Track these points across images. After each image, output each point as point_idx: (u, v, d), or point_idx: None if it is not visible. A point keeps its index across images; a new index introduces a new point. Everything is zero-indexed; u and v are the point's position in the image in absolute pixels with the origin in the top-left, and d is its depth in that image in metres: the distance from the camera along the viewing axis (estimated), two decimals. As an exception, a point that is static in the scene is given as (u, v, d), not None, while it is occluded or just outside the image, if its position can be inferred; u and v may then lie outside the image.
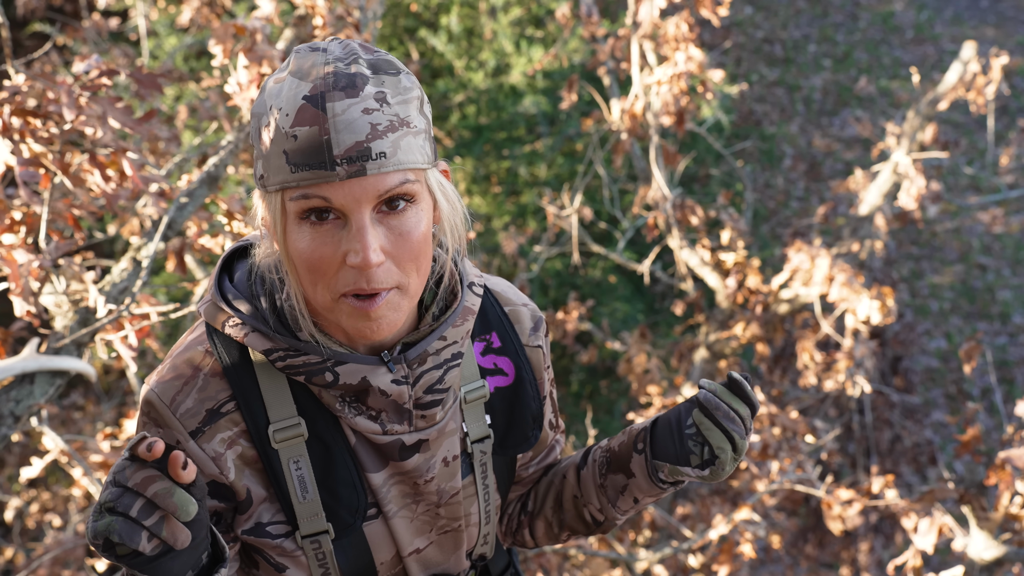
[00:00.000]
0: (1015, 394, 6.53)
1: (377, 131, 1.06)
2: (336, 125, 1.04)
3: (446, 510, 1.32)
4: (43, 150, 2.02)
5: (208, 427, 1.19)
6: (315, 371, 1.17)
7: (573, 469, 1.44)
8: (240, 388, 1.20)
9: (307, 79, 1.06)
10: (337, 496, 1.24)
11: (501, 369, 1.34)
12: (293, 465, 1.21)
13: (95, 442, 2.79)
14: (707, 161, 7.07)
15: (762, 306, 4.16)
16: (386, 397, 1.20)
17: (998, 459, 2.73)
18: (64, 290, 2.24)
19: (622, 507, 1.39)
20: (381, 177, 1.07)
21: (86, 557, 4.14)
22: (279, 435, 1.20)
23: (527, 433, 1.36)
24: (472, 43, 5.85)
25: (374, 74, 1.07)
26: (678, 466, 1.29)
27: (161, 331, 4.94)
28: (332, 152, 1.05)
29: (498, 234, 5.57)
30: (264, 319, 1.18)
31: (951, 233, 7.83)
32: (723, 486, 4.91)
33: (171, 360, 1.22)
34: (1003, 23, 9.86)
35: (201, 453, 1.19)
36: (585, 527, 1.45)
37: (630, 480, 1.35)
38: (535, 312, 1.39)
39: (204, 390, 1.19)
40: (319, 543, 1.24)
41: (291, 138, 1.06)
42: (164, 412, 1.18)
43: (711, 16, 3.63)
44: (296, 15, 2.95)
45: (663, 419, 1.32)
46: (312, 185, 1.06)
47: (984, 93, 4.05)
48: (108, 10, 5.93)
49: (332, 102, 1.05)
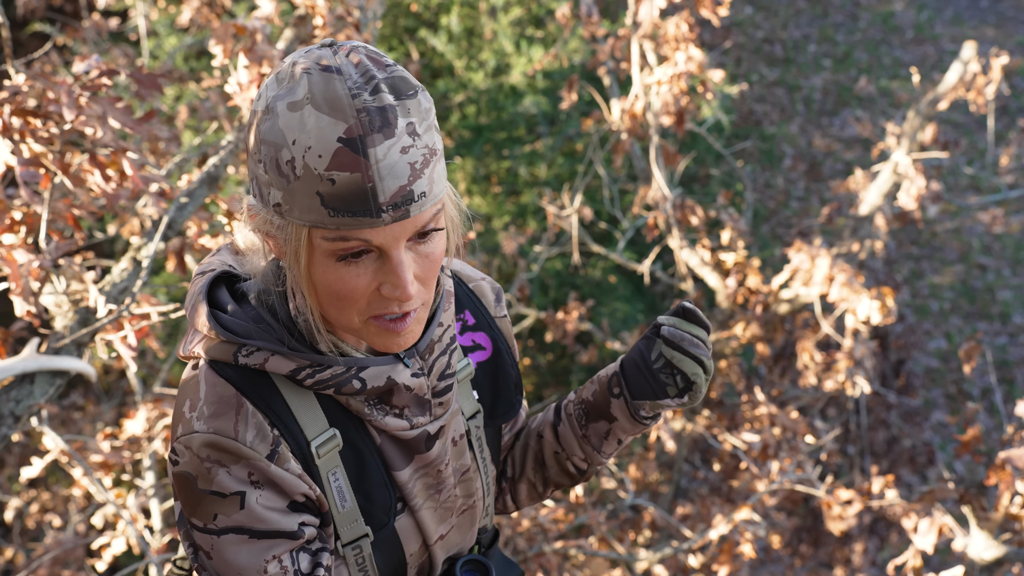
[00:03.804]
0: (1015, 394, 6.53)
1: (416, 170, 1.06)
2: (380, 172, 1.03)
3: (461, 488, 1.35)
4: (43, 150, 2.02)
5: (279, 448, 1.16)
6: (343, 381, 1.18)
7: (549, 427, 1.49)
8: (275, 413, 1.17)
9: (336, 116, 1.03)
10: (371, 498, 1.25)
11: (480, 344, 1.39)
12: (332, 477, 1.21)
13: (95, 442, 2.79)
14: (707, 161, 7.07)
15: (762, 306, 4.16)
16: (410, 392, 1.22)
17: (998, 459, 2.73)
18: (64, 290, 2.24)
19: (607, 450, 1.44)
20: (421, 215, 1.08)
21: (86, 557, 4.14)
22: (321, 450, 1.20)
23: (512, 400, 1.42)
24: (472, 43, 5.84)
25: (398, 100, 1.05)
26: (657, 400, 1.35)
27: (161, 331, 4.94)
28: (378, 200, 1.04)
29: (498, 234, 5.57)
30: (278, 339, 1.17)
31: (951, 233, 7.83)
32: (723, 486, 4.92)
33: (200, 403, 1.16)
34: (1003, 23, 9.86)
35: (286, 474, 1.16)
36: (569, 478, 1.50)
37: (613, 424, 1.41)
38: (493, 284, 1.44)
39: (255, 416, 1.16)
40: (360, 548, 1.26)
41: (327, 181, 1.03)
42: (233, 446, 1.13)
43: (711, 16, 3.63)
44: (296, 15, 2.95)
45: (628, 360, 1.37)
46: (352, 230, 1.06)
47: (984, 93, 4.04)
48: (108, 10, 5.93)
49: (373, 147, 1.03)
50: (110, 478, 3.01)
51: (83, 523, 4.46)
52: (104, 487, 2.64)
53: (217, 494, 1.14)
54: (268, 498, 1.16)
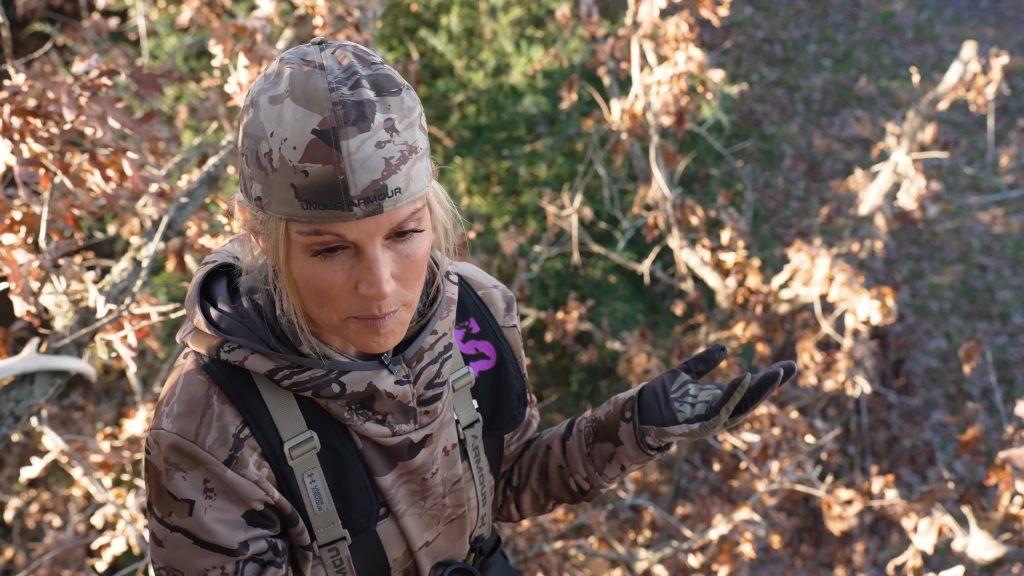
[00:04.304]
0: (1015, 394, 6.53)
1: (391, 166, 1.05)
2: (352, 164, 1.03)
3: (451, 498, 1.34)
4: (43, 150, 2.02)
5: (239, 453, 1.17)
6: (322, 384, 1.17)
7: (558, 440, 1.47)
8: (249, 412, 1.18)
9: (313, 108, 1.03)
10: (350, 502, 1.24)
11: (483, 353, 1.37)
12: (307, 479, 1.21)
13: (95, 442, 2.79)
14: (707, 161, 7.07)
15: (762, 306, 4.16)
16: (392, 399, 1.21)
17: (998, 459, 2.73)
18: (64, 290, 2.24)
19: (609, 474, 1.42)
20: (395, 212, 1.07)
21: (86, 557, 4.14)
22: (295, 452, 1.20)
23: (514, 412, 1.40)
24: (472, 43, 5.84)
25: (379, 96, 1.05)
26: (664, 427, 1.33)
27: (161, 331, 4.94)
28: (349, 193, 1.03)
29: (498, 234, 5.56)
30: (261, 338, 1.17)
31: (951, 233, 7.83)
32: (723, 486, 4.91)
33: (174, 397, 1.19)
34: (1003, 23, 9.86)
35: (242, 480, 1.17)
36: (571, 495, 1.49)
37: (618, 448, 1.39)
38: (505, 292, 1.42)
39: (222, 418, 1.17)
40: (337, 550, 1.25)
41: (301, 173, 1.03)
42: (192, 450, 1.15)
43: (711, 16, 3.63)
44: (296, 15, 2.95)
45: (647, 388, 1.36)
46: (325, 223, 1.05)
47: (984, 93, 4.04)
48: (108, 10, 5.93)
49: (346, 139, 1.02)
50: (110, 478, 3.00)
51: (83, 523, 4.46)
52: (104, 487, 2.64)
53: (172, 496, 1.16)
54: (220, 508, 1.17)
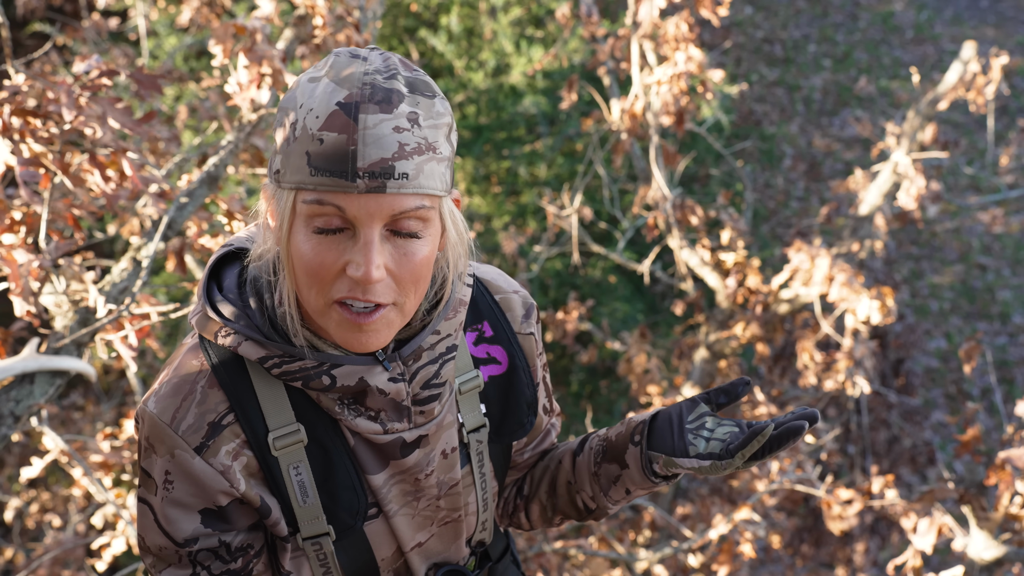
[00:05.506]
0: (1015, 394, 6.53)
1: (404, 151, 1.06)
2: (365, 137, 1.04)
3: (446, 501, 1.33)
4: (43, 150, 2.02)
5: (212, 441, 1.18)
6: (312, 375, 1.17)
7: (569, 455, 1.45)
8: (237, 398, 1.19)
9: (343, 85, 1.06)
10: (337, 499, 1.24)
11: (494, 358, 1.35)
12: (293, 471, 1.21)
13: (95, 442, 2.79)
14: (707, 161, 7.07)
15: (762, 306, 4.16)
16: (384, 396, 1.20)
17: (998, 459, 2.73)
18: (64, 290, 2.24)
19: (614, 497, 1.39)
20: (399, 197, 1.07)
21: (86, 557, 4.14)
22: (279, 442, 1.20)
23: (522, 420, 1.38)
24: (472, 43, 5.84)
25: (410, 93, 1.07)
26: (674, 458, 1.29)
27: (161, 331, 4.94)
28: (356, 163, 1.05)
29: (498, 234, 5.57)
30: (256, 326, 1.18)
31: (951, 233, 7.83)
32: (723, 486, 4.91)
33: (167, 376, 1.21)
34: (1003, 23, 9.86)
35: (208, 468, 1.18)
36: (577, 513, 1.46)
37: (623, 471, 1.36)
38: (526, 299, 1.40)
39: (203, 403, 1.18)
40: (320, 544, 1.25)
41: (317, 140, 1.05)
42: (165, 433, 1.17)
43: (711, 16, 3.63)
44: (296, 15, 2.95)
45: (663, 413, 1.32)
46: (328, 192, 1.06)
47: (984, 93, 4.04)
48: (108, 10, 5.93)
49: (365, 114, 1.05)
50: (110, 478, 3.00)
51: (83, 523, 4.46)
52: (104, 487, 2.64)
53: (145, 472, 1.21)
54: (174, 499, 1.19)
